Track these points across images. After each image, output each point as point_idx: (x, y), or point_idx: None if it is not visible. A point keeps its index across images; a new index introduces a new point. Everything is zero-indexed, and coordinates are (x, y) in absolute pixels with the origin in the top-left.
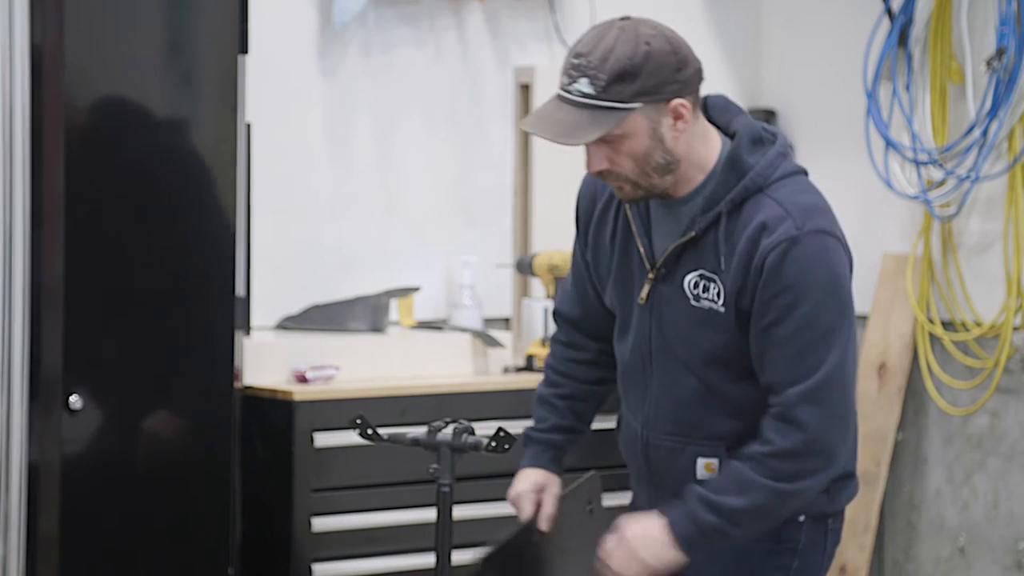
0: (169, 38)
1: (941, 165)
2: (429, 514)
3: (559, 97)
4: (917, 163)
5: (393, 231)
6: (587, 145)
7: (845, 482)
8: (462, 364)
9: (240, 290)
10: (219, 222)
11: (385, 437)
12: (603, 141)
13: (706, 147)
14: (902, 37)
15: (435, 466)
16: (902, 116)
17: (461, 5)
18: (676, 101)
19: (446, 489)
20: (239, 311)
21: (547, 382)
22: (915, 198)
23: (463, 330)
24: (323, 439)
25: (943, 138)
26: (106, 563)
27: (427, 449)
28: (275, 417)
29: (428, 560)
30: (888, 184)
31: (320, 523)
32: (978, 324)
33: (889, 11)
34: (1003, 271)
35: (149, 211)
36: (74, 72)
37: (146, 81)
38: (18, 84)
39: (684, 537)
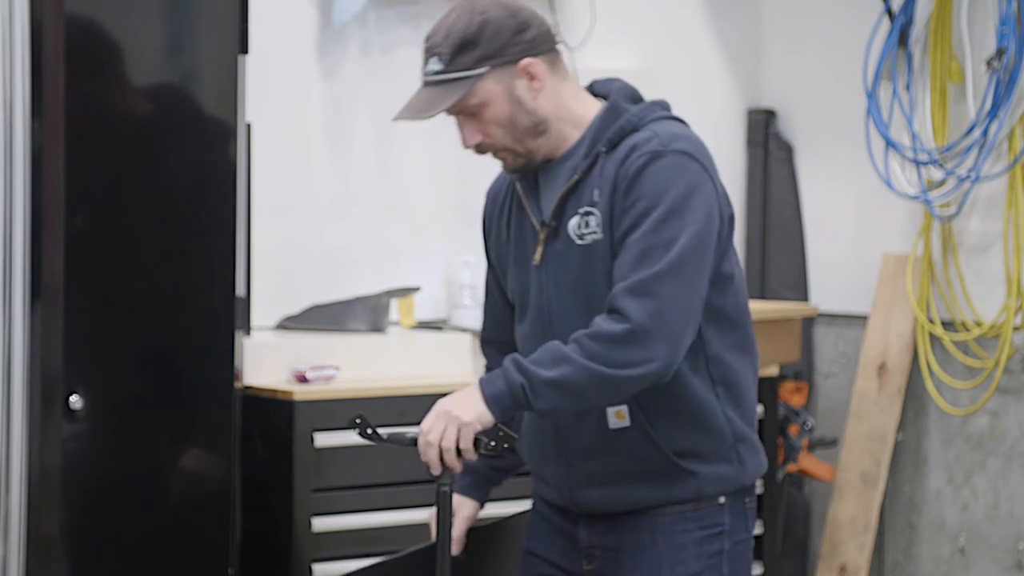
0: (169, 38)
1: (941, 165)
2: (429, 514)
3: (421, 86)
4: (917, 163)
5: (393, 231)
6: (458, 122)
7: (749, 449)
8: (462, 364)
9: (240, 290)
10: (219, 222)
11: (384, 437)
12: (467, 114)
13: (581, 105)
14: (902, 37)
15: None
16: (902, 116)
17: None
18: (525, 61)
19: (446, 489)
20: (239, 311)
21: None
22: (915, 198)
23: (463, 330)
24: (323, 439)
25: (943, 138)
26: (106, 563)
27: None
28: (275, 417)
29: None
30: (888, 184)
31: (320, 523)
32: (978, 324)
33: (889, 11)
34: (1003, 271)
35: (149, 210)
36: (74, 71)
37: (146, 81)
38: (18, 82)
39: (492, 393)
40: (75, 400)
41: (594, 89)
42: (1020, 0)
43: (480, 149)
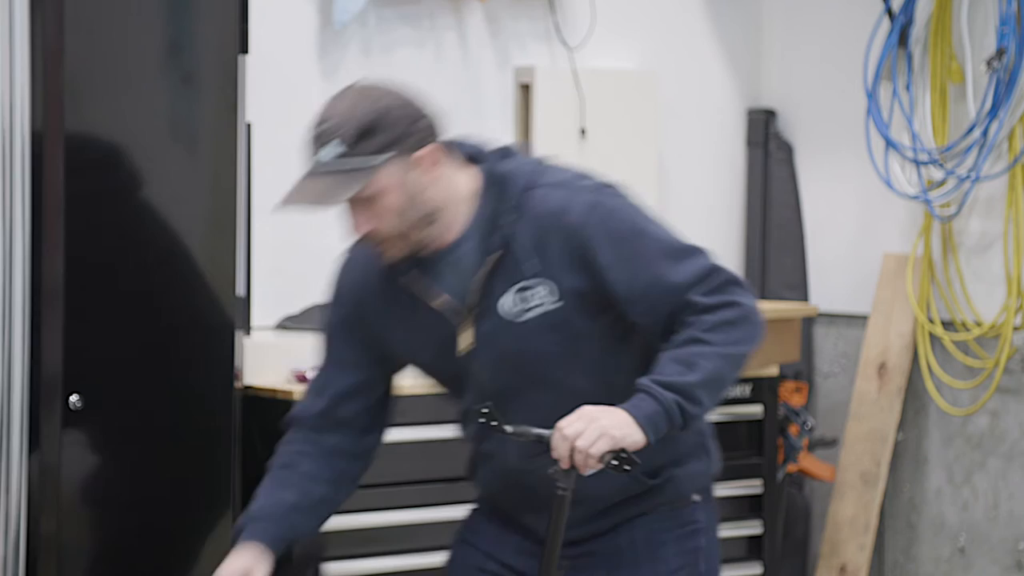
0: (169, 38)
1: (941, 165)
2: (429, 514)
3: (310, 170)
4: (917, 163)
5: None
6: (349, 209)
7: (711, 440)
8: None
9: (240, 290)
10: (219, 222)
11: (509, 431)
12: (362, 201)
13: (464, 179)
14: (902, 37)
15: (556, 467)
16: (902, 116)
17: (461, 5)
18: (422, 150)
19: (563, 494)
20: (239, 311)
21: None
22: (915, 198)
23: None
24: None
25: (943, 138)
26: (106, 563)
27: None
28: (275, 417)
29: (429, 560)
30: (888, 184)
31: None
32: (978, 324)
33: (889, 11)
34: (1003, 271)
35: (149, 210)
36: (74, 71)
37: (146, 81)
38: (18, 82)
39: (645, 415)
40: (75, 400)
41: (462, 151)
42: (1020, 0)
43: (369, 238)
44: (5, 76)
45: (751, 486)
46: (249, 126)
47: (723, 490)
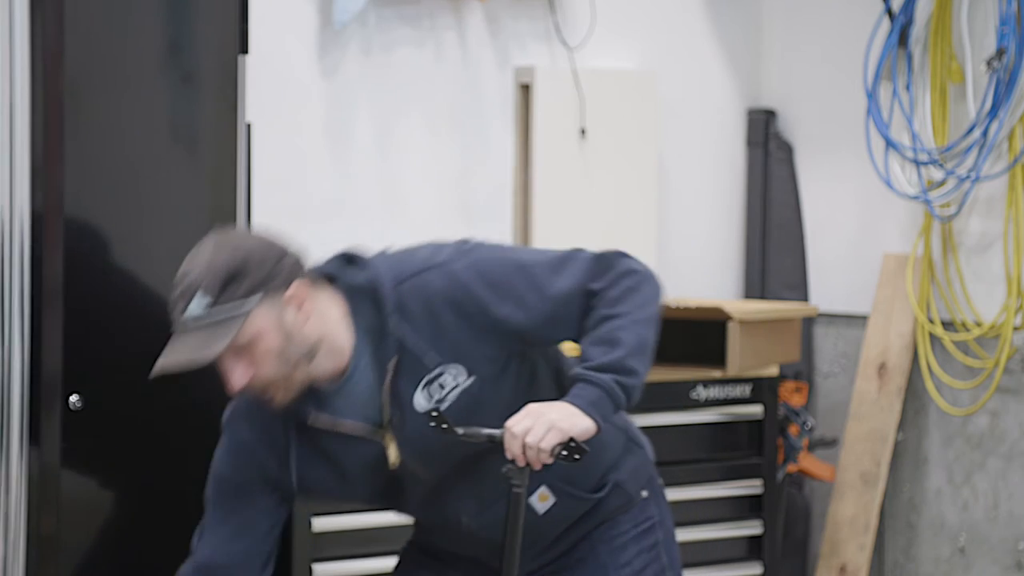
0: (169, 38)
1: (941, 165)
2: None
3: (180, 331)
4: (917, 163)
5: (393, 231)
6: (223, 364)
7: (633, 429)
8: None
9: None
10: (219, 222)
11: (460, 433)
12: (239, 350)
13: (333, 306)
14: (902, 37)
15: (509, 466)
16: (902, 116)
17: (461, 5)
18: (291, 288)
19: (518, 490)
20: None
21: None
22: (915, 198)
23: None
24: None
25: (943, 138)
26: (106, 563)
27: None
28: None
29: None
30: (888, 184)
31: (320, 523)
32: (978, 324)
33: (889, 11)
34: (1003, 271)
35: (149, 210)
36: (74, 71)
37: (146, 81)
38: (18, 84)
39: (588, 401)
40: (75, 400)
41: (317, 275)
42: (1020, 0)
43: (250, 390)
44: (5, 76)
45: (751, 486)
46: (249, 126)
47: (723, 490)
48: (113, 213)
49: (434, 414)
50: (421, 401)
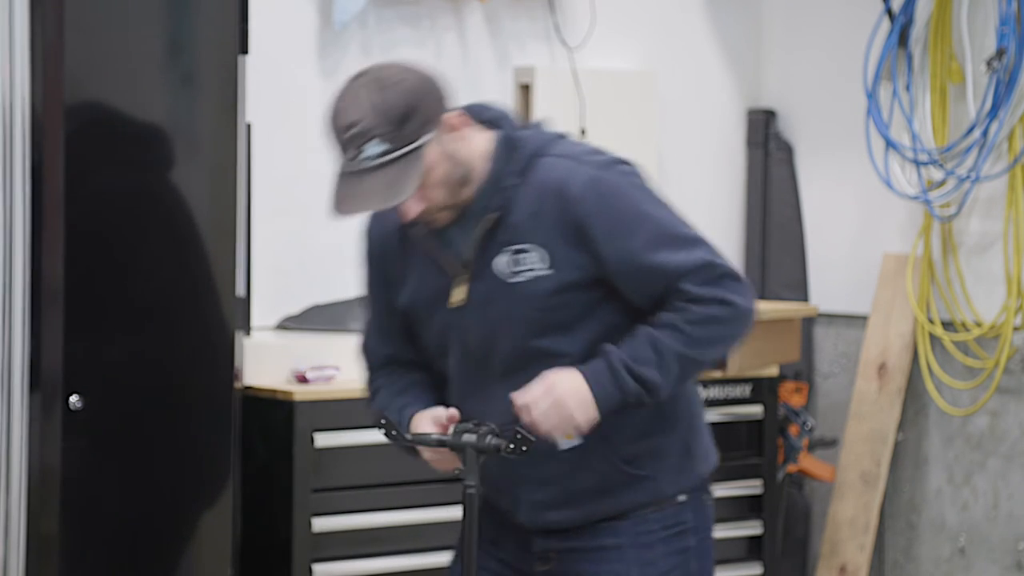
0: (169, 38)
1: (941, 165)
2: (429, 514)
3: (353, 172)
4: (917, 163)
5: None
6: None
7: (697, 439)
8: None
9: (240, 290)
10: (219, 222)
11: (409, 438)
12: None
13: (480, 138)
14: (902, 37)
15: (460, 467)
16: (902, 116)
17: (461, 5)
18: (449, 116)
19: (472, 491)
20: (239, 311)
21: (390, 386)
22: (915, 198)
23: None
24: (323, 439)
25: (943, 138)
26: (106, 563)
27: (452, 450)
28: (275, 417)
29: (429, 560)
30: (888, 184)
31: (320, 523)
32: (978, 324)
33: (889, 11)
34: (1003, 271)
35: (149, 211)
36: (74, 72)
37: (146, 81)
38: (18, 84)
39: (604, 400)
40: (75, 400)
41: (473, 115)
42: (1020, 0)
43: (418, 219)
44: (5, 76)
45: (751, 486)
46: (249, 126)
47: (723, 490)
48: (113, 213)
49: (383, 421)
50: (501, 264)
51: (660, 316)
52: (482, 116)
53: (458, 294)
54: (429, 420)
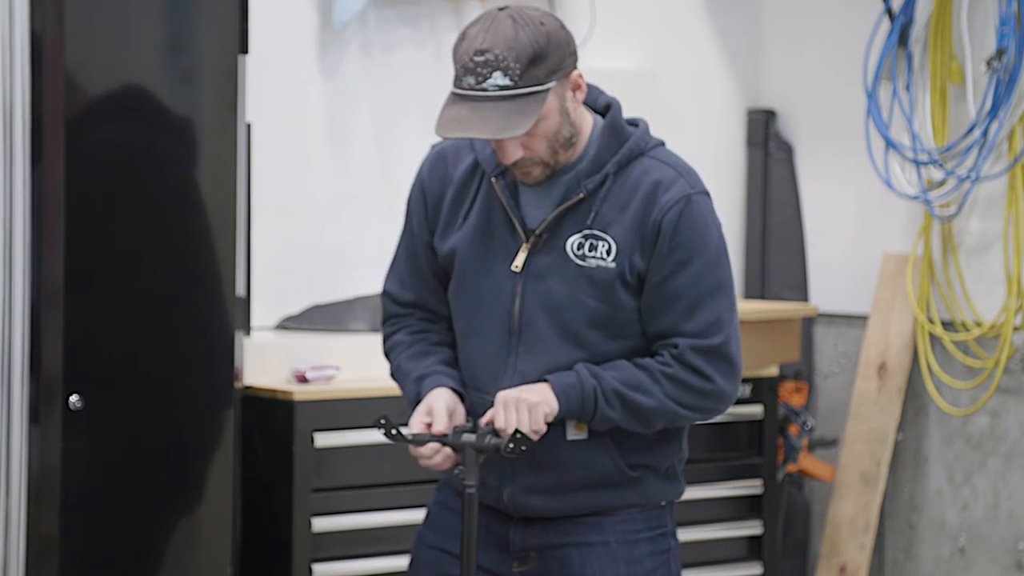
0: (169, 38)
1: (941, 165)
2: None
3: (470, 97)
4: (917, 163)
5: (393, 231)
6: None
7: (682, 470)
8: None
9: (240, 290)
10: (219, 222)
11: (409, 437)
12: None
13: (584, 117)
14: (902, 37)
15: (460, 467)
16: (902, 116)
17: (461, 5)
18: (575, 73)
19: (471, 491)
20: (239, 311)
21: (411, 345)
22: (915, 198)
23: None
24: (323, 439)
25: (943, 138)
26: (106, 563)
27: (452, 450)
28: (275, 417)
29: None
30: (888, 184)
31: (320, 523)
32: (978, 324)
33: (889, 11)
34: (1003, 271)
35: (149, 211)
36: (74, 72)
37: (146, 80)
38: (18, 82)
39: (561, 386)
40: (75, 400)
41: (596, 96)
42: (1020, 0)
43: (515, 164)
44: (5, 75)
45: (751, 486)
46: (249, 126)
47: (723, 490)
48: (113, 213)
49: (382, 421)
50: (573, 243)
51: (648, 348)
52: (594, 96)
53: (520, 259)
54: (446, 414)
